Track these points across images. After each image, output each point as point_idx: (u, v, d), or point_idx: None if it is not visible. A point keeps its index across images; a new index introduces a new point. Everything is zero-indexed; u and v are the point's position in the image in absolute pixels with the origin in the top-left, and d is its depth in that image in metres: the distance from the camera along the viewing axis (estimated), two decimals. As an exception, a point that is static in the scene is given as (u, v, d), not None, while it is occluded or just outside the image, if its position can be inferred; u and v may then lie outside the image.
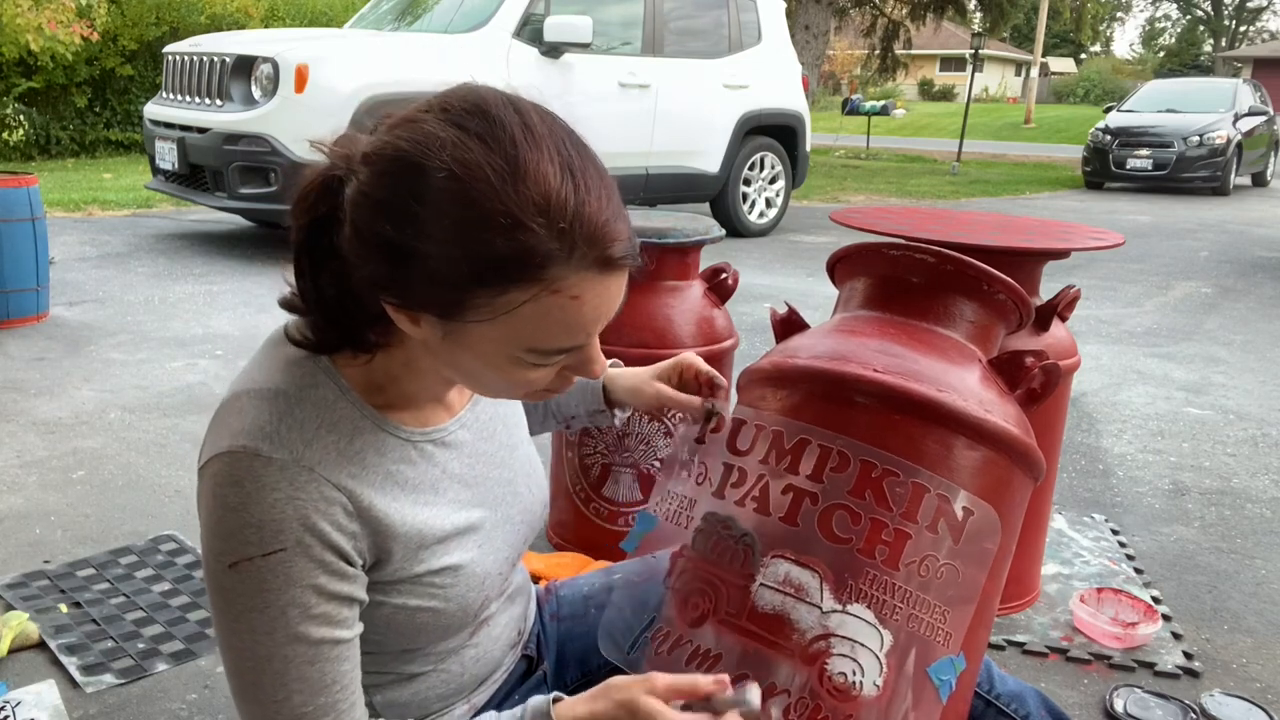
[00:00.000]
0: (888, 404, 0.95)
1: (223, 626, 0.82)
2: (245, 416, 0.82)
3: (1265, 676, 1.91)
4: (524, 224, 0.72)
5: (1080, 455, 3.12)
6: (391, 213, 0.74)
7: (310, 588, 0.80)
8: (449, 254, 0.74)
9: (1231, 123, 12.62)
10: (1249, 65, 30.80)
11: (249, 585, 0.80)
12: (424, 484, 0.90)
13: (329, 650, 0.83)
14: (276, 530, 0.79)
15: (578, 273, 0.76)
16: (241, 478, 0.79)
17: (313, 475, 0.81)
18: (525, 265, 0.74)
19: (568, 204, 0.74)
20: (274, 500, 0.79)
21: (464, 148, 0.73)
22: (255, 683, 0.82)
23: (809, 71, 10.75)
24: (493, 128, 0.74)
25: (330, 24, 11.52)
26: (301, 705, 0.82)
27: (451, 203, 0.73)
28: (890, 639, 0.90)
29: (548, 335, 0.79)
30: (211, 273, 5.24)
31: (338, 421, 0.84)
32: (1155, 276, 6.46)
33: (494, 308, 0.76)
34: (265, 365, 0.87)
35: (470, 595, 0.94)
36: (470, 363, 0.82)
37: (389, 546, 0.86)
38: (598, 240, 0.75)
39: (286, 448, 0.80)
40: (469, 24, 5.99)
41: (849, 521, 0.92)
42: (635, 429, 2.09)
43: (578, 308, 0.77)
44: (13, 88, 9.59)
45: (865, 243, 1.11)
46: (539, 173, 0.73)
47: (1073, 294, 1.92)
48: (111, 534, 2.31)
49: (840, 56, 34.87)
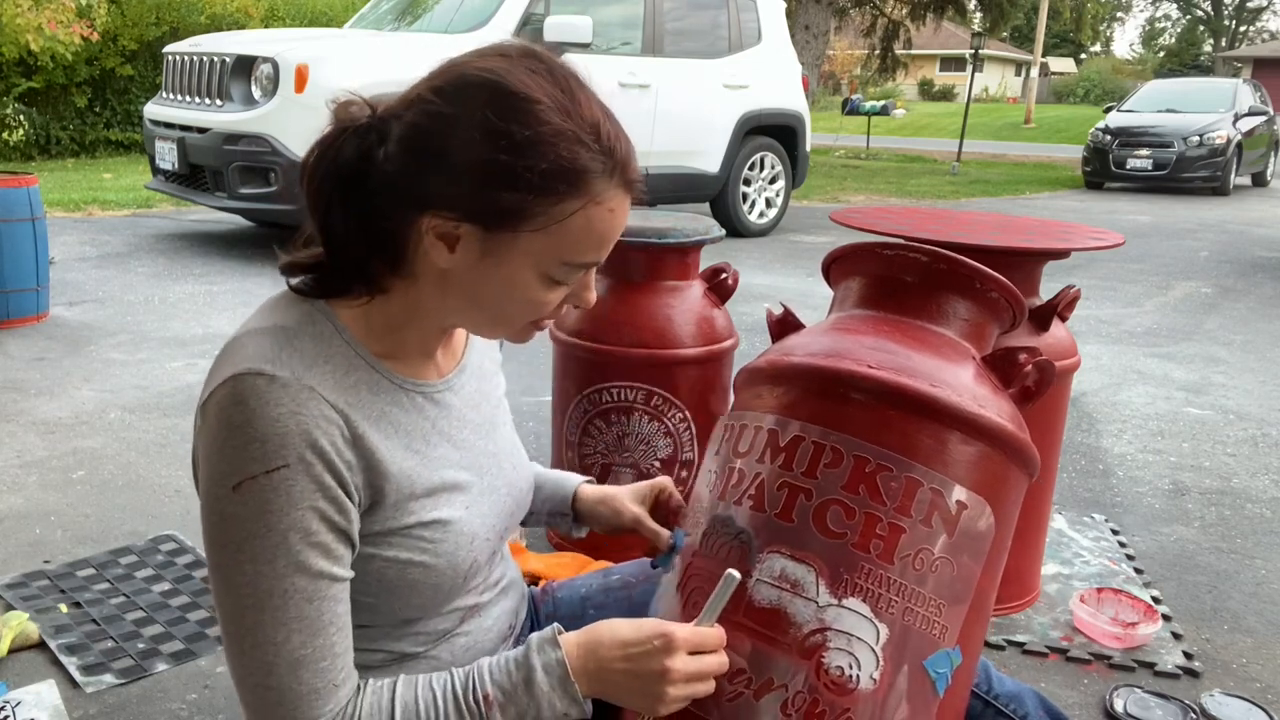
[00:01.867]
0: (882, 400, 0.95)
1: (223, 562, 0.83)
2: (246, 349, 0.86)
3: (1265, 676, 1.91)
4: (584, 140, 0.84)
5: (1080, 455, 3.12)
6: (469, 126, 0.83)
7: (312, 510, 0.83)
8: (525, 164, 0.83)
9: (1231, 123, 12.62)
10: (1249, 65, 30.80)
11: (252, 507, 0.81)
12: (414, 431, 0.93)
13: (326, 587, 0.84)
14: (280, 445, 0.81)
15: (614, 189, 0.88)
16: (246, 396, 0.82)
17: (313, 394, 0.84)
18: (583, 176, 0.85)
19: (608, 131, 0.87)
20: (278, 415, 0.82)
21: (533, 77, 0.85)
22: (255, 624, 0.83)
23: (809, 71, 10.75)
24: (548, 67, 0.86)
25: (330, 24, 11.52)
26: (300, 647, 0.83)
27: (529, 120, 0.83)
28: (886, 632, 0.90)
29: (584, 246, 0.88)
30: (211, 273, 5.25)
31: (334, 355, 0.89)
32: (1155, 276, 6.46)
33: (550, 216, 0.85)
34: (264, 311, 0.93)
35: (459, 554, 0.96)
36: (494, 287, 0.89)
37: (381, 486, 0.89)
38: (627, 164, 0.89)
39: (288, 368, 0.84)
40: (469, 24, 5.99)
41: (843, 516, 0.92)
42: (635, 429, 2.09)
43: (611, 220, 0.88)
44: (13, 88, 9.59)
45: (859, 243, 1.12)
46: (588, 103, 0.86)
47: (1073, 294, 1.92)
48: (111, 534, 2.31)
49: (840, 56, 34.87)
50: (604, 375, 2.08)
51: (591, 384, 2.10)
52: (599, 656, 0.88)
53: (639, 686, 0.87)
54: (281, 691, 0.83)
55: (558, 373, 2.21)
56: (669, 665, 0.86)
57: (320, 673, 0.84)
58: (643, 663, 0.87)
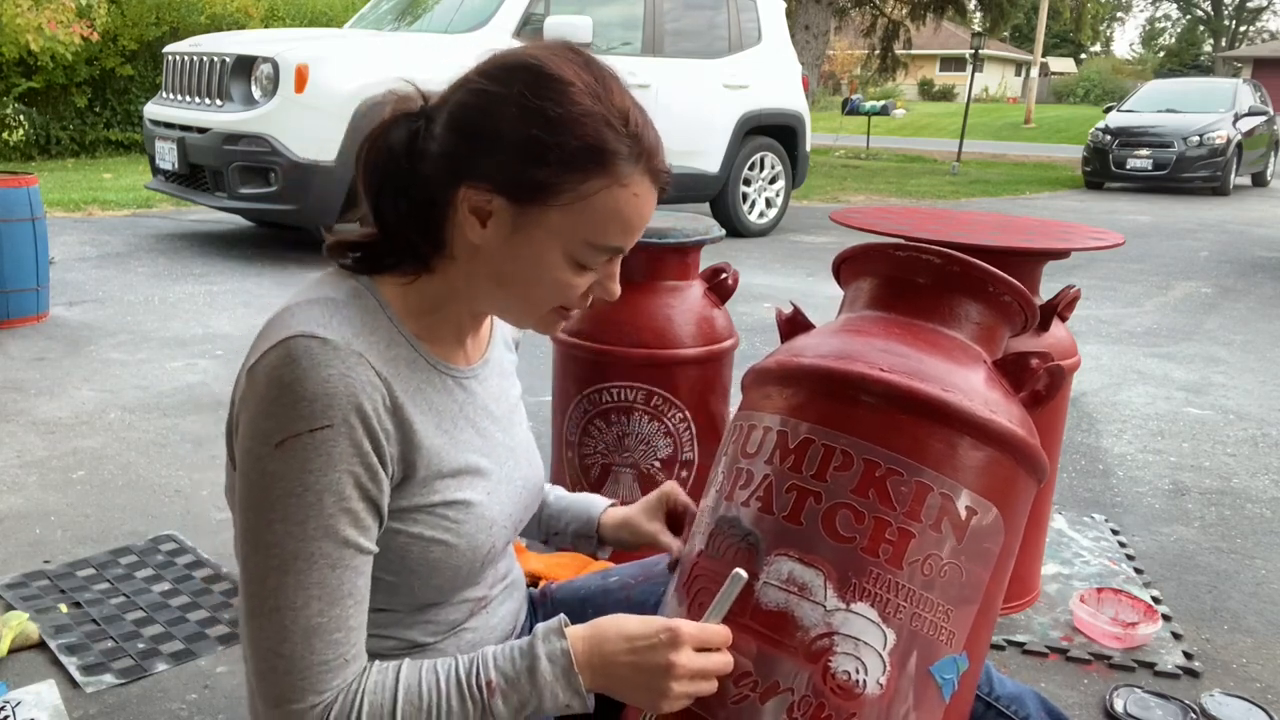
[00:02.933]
0: (893, 403, 0.95)
1: (255, 523, 0.85)
2: (296, 318, 0.89)
3: (1265, 676, 1.91)
4: (612, 124, 0.90)
5: (1080, 455, 3.12)
6: (512, 104, 0.89)
7: (349, 474, 0.85)
8: (556, 140, 0.88)
9: (1231, 123, 12.62)
10: (1249, 65, 30.80)
11: (293, 465, 0.83)
12: (444, 411, 0.97)
13: (351, 557, 0.86)
14: (327, 405, 0.84)
15: (640, 175, 0.92)
16: (298, 356, 0.85)
17: (361, 359, 0.87)
18: (609, 157, 0.89)
19: (637, 119, 0.92)
20: (328, 375, 0.84)
21: (569, 63, 0.91)
22: (277, 587, 0.84)
23: (809, 71, 10.75)
24: (583, 59, 0.93)
25: (330, 24, 11.52)
26: (318, 614, 0.84)
27: (561, 99, 0.88)
28: (893, 637, 0.90)
29: (608, 229, 0.92)
30: (211, 273, 5.25)
31: (378, 327, 0.92)
32: (1155, 276, 6.46)
33: (576, 193, 0.89)
34: (309, 286, 0.96)
35: (479, 537, 0.98)
36: (522, 265, 0.93)
37: (413, 460, 0.92)
38: (654, 153, 0.93)
39: (339, 333, 0.88)
40: (469, 24, 5.99)
41: (852, 520, 0.92)
42: (635, 429, 2.09)
43: (636, 205, 0.92)
44: (13, 88, 9.58)
45: (872, 243, 1.11)
46: (620, 92, 0.93)
47: (1073, 294, 1.92)
48: (111, 534, 2.31)
49: (840, 56, 34.87)
50: (604, 375, 2.08)
51: (591, 384, 2.10)
52: (604, 650, 0.89)
53: (643, 681, 0.88)
54: (292, 660, 0.84)
55: (557, 373, 2.21)
56: (674, 660, 0.86)
57: (333, 644, 0.85)
58: (648, 656, 0.87)
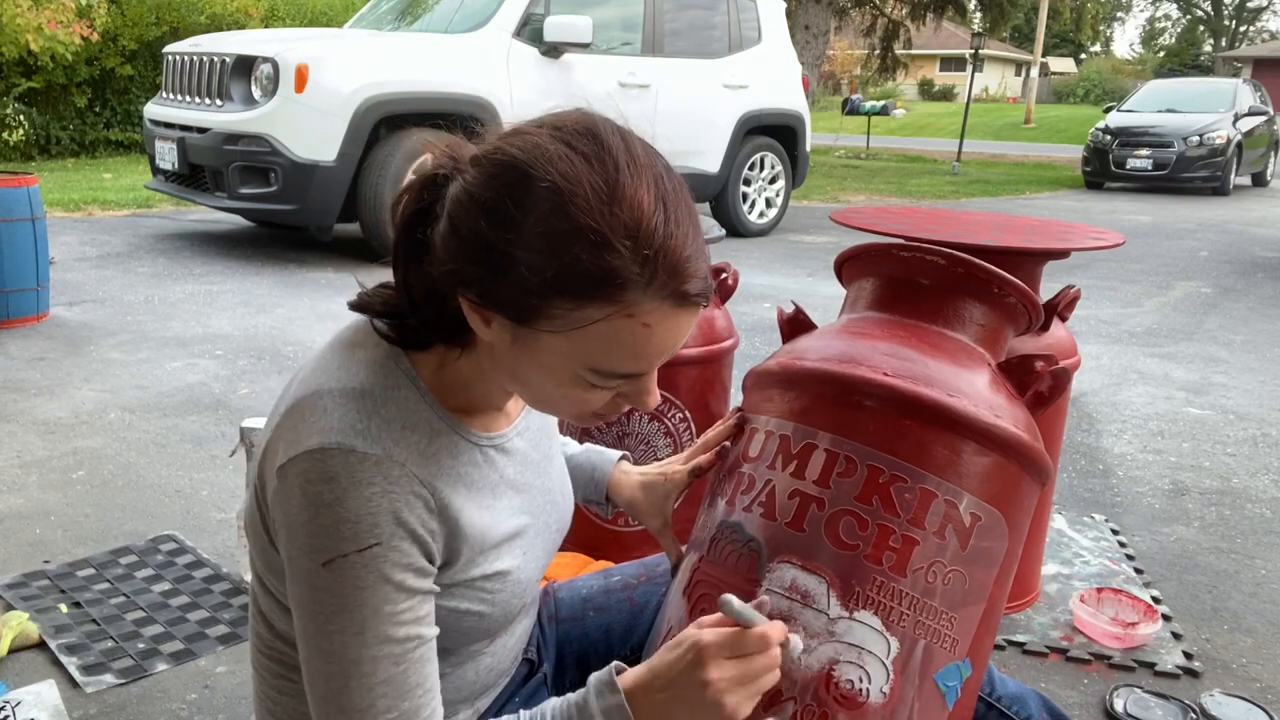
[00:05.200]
0: (898, 408, 0.94)
1: (312, 629, 0.83)
2: (332, 415, 0.84)
3: (1265, 676, 1.91)
4: (612, 244, 0.76)
5: (1080, 455, 3.12)
6: (491, 213, 0.78)
7: (400, 584, 0.82)
8: (536, 261, 0.76)
9: (1231, 123, 12.62)
10: (1249, 65, 30.78)
11: (344, 583, 0.81)
12: (486, 488, 0.92)
13: (414, 650, 0.84)
14: (372, 525, 0.81)
15: (653, 301, 0.78)
16: (336, 474, 0.81)
17: (404, 470, 0.83)
18: (606, 284, 0.76)
19: (656, 233, 0.77)
20: (369, 495, 0.81)
21: (569, 163, 0.77)
22: (342, 689, 0.82)
23: (809, 71, 10.75)
24: (600, 150, 0.78)
25: (330, 24, 11.51)
26: (386, 710, 0.83)
27: (548, 212, 0.76)
28: (897, 646, 0.89)
29: (613, 358, 0.81)
30: (211, 273, 5.24)
31: (418, 423, 0.87)
32: (1155, 276, 6.46)
33: (568, 320, 0.78)
34: (346, 365, 0.88)
35: (513, 601, 0.96)
36: (532, 372, 0.85)
37: (458, 548, 0.88)
38: (677, 274, 0.78)
39: (379, 444, 0.83)
40: (469, 24, 5.99)
41: (856, 527, 0.91)
42: (635, 429, 2.09)
43: (647, 335, 0.80)
44: (13, 88, 9.57)
45: (875, 243, 1.09)
46: (635, 199, 0.77)
47: (1073, 294, 1.92)
48: (111, 534, 2.31)
49: (840, 56, 34.86)
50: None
51: (592, 384, 2.10)
52: (650, 696, 0.82)
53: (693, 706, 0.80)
54: None
55: (558, 373, 2.21)
56: (707, 677, 0.79)
57: None
58: (682, 686, 0.81)
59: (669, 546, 1.14)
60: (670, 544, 1.14)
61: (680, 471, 1.14)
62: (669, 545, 1.14)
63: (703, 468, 1.11)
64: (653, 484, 1.17)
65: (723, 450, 1.08)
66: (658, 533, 1.16)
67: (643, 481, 1.18)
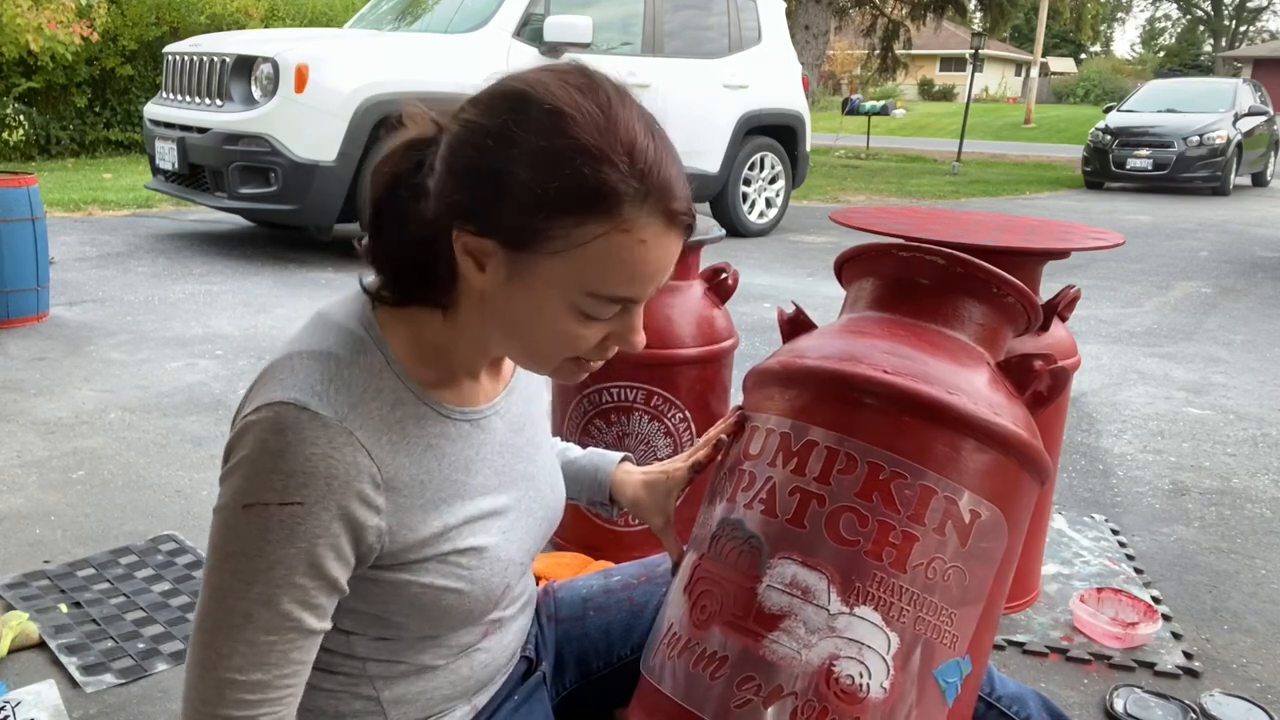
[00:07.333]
0: (898, 406, 0.94)
1: (211, 563, 0.84)
2: (297, 374, 0.85)
3: (1265, 676, 1.91)
4: (610, 159, 0.79)
5: (1080, 455, 3.12)
6: (493, 135, 0.81)
7: (304, 553, 0.82)
8: (539, 179, 0.79)
9: (1231, 123, 12.63)
10: (1249, 65, 30.79)
11: (253, 530, 0.81)
12: (458, 461, 0.93)
13: (289, 630, 0.83)
14: (301, 484, 0.81)
15: (648, 217, 0.82)
16: (285, 427, 0.82)
17: (351, 439, 0.83)
18: (605, 198, 0.80)
19: (648, 153, 0.82)
20: (309, 454, 0.81)
21: (566, 91, 0.82)
22: (213, 629, 0.82)
23: (809, 71, 10.75)
24: (592, 84, 0.84)
25: (330, 24, 11.51)
26: (237, 670, 0.82)
27: (549, 130, 0.80)
28: (897, 641, 0.89)
29: (609, 278, 0.83)
30: (211, 273, 5.24)
31: (382, 389, 0.88)
32: (1155, 276, 6.46)
33: (569, 239, 0.81)
34: (319, 330, 0.91)
35: (493, 580, 0.95)
36: (525, 311, 0.86)
37: (413, 522, 0.88)
38: (668, 192, 0.82)
39: (333, 407, 0.83)
40: (469, 24, 5.99)
41: (856, 524, 0.91)
42: (635, 429, 2.09)
43: (643, 252, 0.82)
44: (13, 88, 9.58)
45: (875, 243, 1.10)
46: (628, 123, 0.82)
47: (1073, 294, 1.92)
48: (111, 534, 2.31)
49: (840, 56, 34.86)
50: (604, 375, 2.08)
51: (591, 384, 2.10)
52: None
53: None
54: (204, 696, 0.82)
55: (558, 373, 2.21)
56: None
57: (241, 703, 0.82)
58: None
59: (671, 545, 1.15)
60: (672, 542, 1.15)
61: (681, 469, 1.15)
62: (671, 544, 1.15)
63: (702, 463, 1.13)
64: (655, 483, 1.18)
65: (720, 445, 1.09)
66: (660, 531, 1.16)
67: (645, 480, 1.19)
